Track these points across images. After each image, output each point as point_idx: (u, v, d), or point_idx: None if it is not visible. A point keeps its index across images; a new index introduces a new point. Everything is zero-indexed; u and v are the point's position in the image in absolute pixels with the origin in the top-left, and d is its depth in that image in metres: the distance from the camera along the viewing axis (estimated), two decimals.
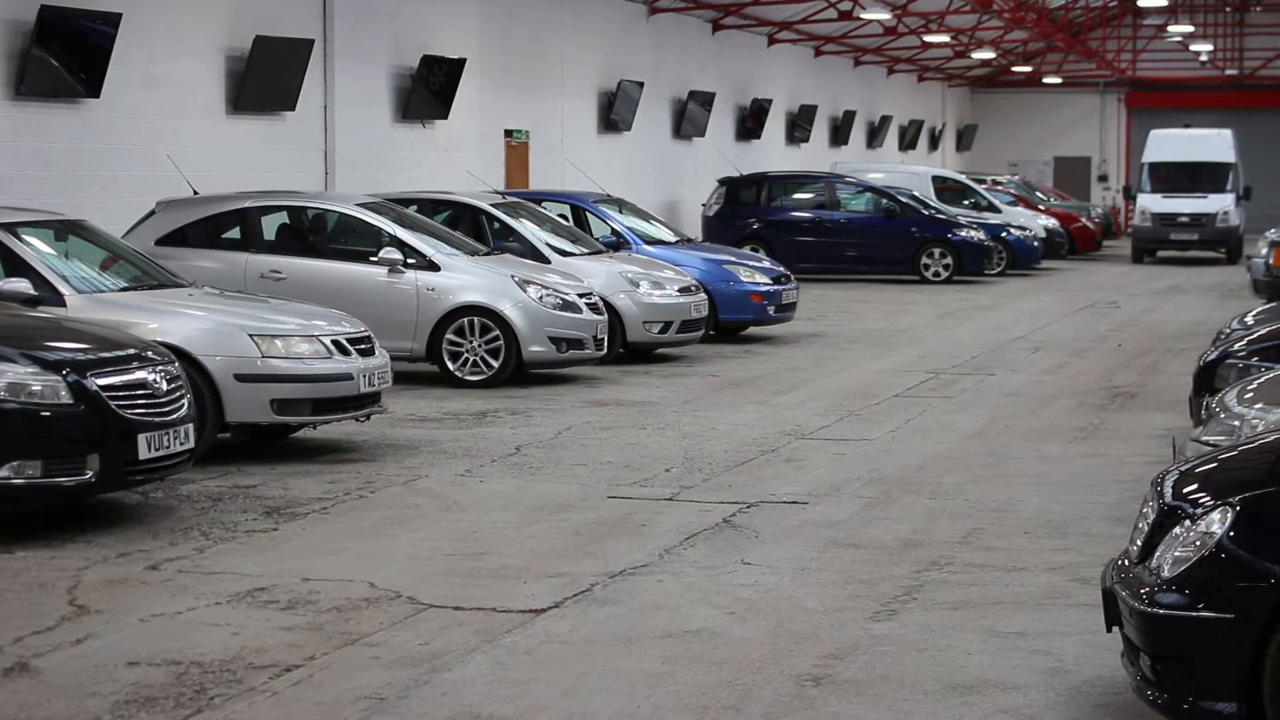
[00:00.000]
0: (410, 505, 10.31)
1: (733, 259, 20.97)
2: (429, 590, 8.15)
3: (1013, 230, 33.74)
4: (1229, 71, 52.54)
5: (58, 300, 11.18)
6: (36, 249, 11.67)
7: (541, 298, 15.74)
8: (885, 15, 37.14)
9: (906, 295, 27.79)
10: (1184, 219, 37.27)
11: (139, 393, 9.46)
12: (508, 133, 27.56)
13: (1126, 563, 6.04)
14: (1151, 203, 37.80)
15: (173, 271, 12.66)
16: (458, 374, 15.63)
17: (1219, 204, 37.56)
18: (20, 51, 17.17)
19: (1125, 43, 52.28)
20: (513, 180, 27.15)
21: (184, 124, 19.65)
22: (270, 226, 16.04)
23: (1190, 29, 47.59)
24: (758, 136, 38.46)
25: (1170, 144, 39.38)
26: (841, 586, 8.30)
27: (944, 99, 55.14)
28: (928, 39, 42.05)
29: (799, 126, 41.40)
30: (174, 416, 9.66)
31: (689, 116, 34.41)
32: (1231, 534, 5.59)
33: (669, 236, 21.51)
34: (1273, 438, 6.40)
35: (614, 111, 30.90)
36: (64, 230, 12.51)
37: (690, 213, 33.25)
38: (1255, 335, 11.06)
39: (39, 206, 14.26)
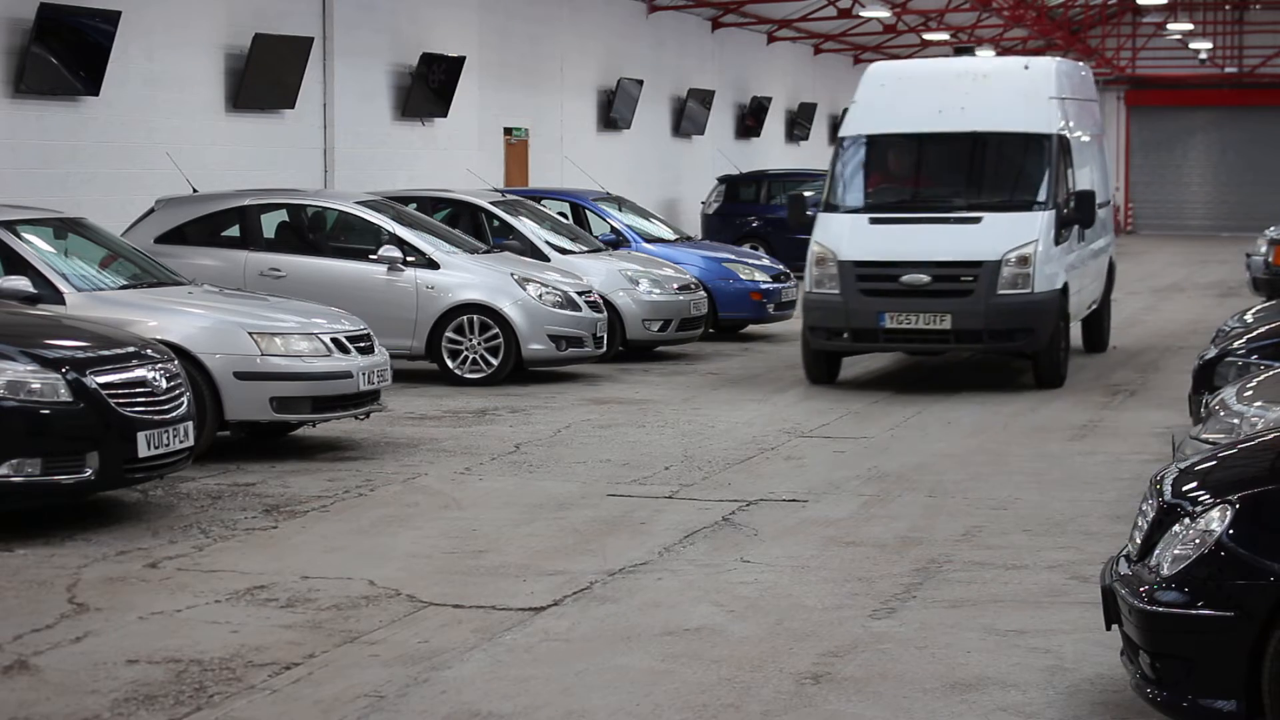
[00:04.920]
0: (410, 503, 10.31)
1: (732, 257, 20.97)
2: (428, 588, 8.15)
3: None
4: (1228, 69, 52.54)
5: (57, 298, 11.18)
6: (36, 247, 11.67)
7: (541, 295, 15.74)
8: (885, 13, 37.18)
9: None
10: (920, 279, 15.28)
11: (138, 391, 9.47)
12: (507, 130, 27.55)
13: (1126, 560, 6.05)
14: (848, 238, 15.73)
15: (172, 269, 12.66)
16: (457, 372, 15.63)
17: (1008, 238, 15.38)
18: (20, 49, 17.17)
19: (1125, 40, 52.29)
20: (512, 178, 27.14)
21: (183, 122, 19.65)
22: (270, 224, 16.05)
23: (1189, 27, 47.62)
24: (757, 134, 38.46)
25: (907, 92, 16.73)
26: (841, 584, 8.30)
27: None
28: (927, 37, 42.05)
29: (798, 124, 41.40)
30: (173, 414, 9.66)
31: (688, 114, 34.42)
32: (1231, 532, 5.59)
33: (668, 234, 21.51)
34: (1272, 435, 6.40)
35: (613, 109, 30.90)
36: (63, 228, 12.51)
37: (690, 210, 33.26)
38: (1254, 333, 11.06)
39: (38, 204, 14.26)
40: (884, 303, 15.38)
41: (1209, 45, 50.01)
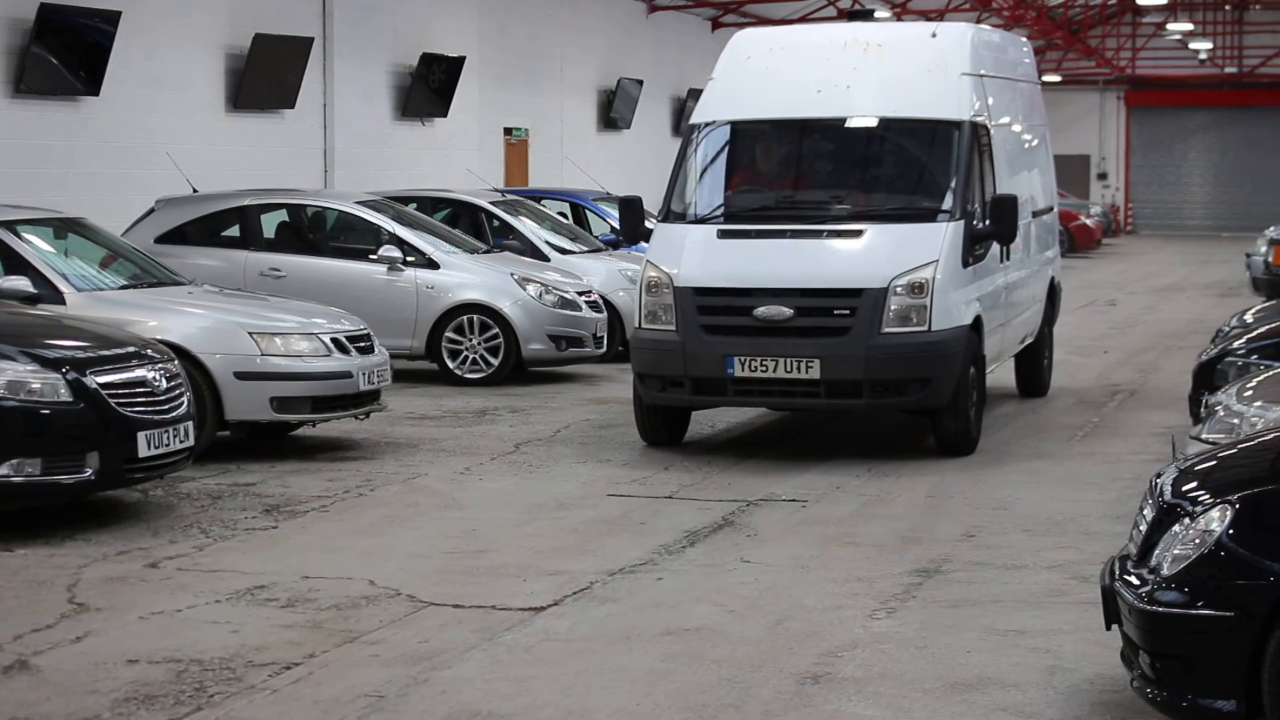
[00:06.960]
0: (410, 503, 10.31)
1: None
2: (428, 588, 8.15)
3: None
4: (1228, 69, 52.54)
5: (57, 298, 11.18)
6: (36, 247, 11.67)
7: (541, 295, 15.75)
8: (885, 13, 37.17)
9: None
10: (780, 312, 11.57)
11: (138, 391, 9.47)
12: (507, 130, 27.55)
13: (1126, 560, 6.05)
14: (689, 257, 12.12)
15: (172, 269, 12.66)
16: (457, 372, 15.63)
17: (899, 258, 11.70)
18: (20, 49, 17.16)
19: (1125, 40, 52.27)
20: (512, 178, 27.14)
21: (183, 122, 19.64)
22: (270, 224, 16.05)
23: (1189, 27, 47.58)
24: None
25: (779, 67, 13.15)
26: (841, 584, 8.30)
27: None
28: None
29: None
30: (173, 414, 9.66)
31: (688, 114, 34.38)
32: (1231, 532, 5.59)
33: None
34: (1272, 436, 6.40)
35: (613, 109, 30.91)
36: (63, 228, 12.51)
37: None
38: (1254, 333, 11.07)
39: (38, 204, 14.26)
40: (732, 343, 11.63)
41: (1209, 45, 49.98)
